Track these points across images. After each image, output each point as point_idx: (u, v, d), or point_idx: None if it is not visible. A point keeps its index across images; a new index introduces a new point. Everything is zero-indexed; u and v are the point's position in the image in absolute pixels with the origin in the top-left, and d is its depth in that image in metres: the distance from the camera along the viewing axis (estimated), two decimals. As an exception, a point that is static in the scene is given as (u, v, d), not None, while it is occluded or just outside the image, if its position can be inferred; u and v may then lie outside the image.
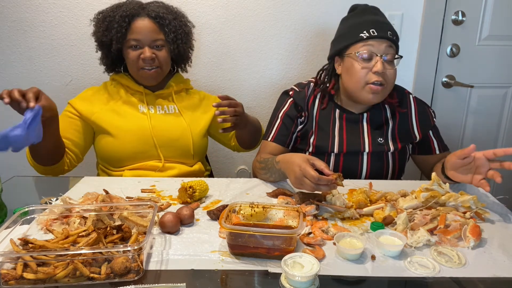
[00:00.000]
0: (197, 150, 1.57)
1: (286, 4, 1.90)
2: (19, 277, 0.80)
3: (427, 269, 0.88)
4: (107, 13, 1.46)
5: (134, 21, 1.43)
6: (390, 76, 1.35)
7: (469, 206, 1.13)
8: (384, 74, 1.33)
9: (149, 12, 1.44)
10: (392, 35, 1.34)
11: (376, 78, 1.33)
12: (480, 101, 2.10)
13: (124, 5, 1.47)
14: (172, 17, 1.48)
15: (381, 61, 1.32)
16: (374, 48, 1.32)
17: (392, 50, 1.34)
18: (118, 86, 1.54)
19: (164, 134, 1.50)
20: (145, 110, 1.51)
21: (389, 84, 1.36)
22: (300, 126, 1.48)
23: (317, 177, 1.08)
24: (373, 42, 1.32)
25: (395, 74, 1.36)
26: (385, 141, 1.44)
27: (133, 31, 1.43)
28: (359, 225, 1.08)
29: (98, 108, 1.48)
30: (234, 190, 1.29)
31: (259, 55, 1.97)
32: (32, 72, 1.94)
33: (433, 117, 1.49)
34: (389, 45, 1.33)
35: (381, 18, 1.38)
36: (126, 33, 1.43)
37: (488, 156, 1.11)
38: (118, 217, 1.02)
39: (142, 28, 1.43)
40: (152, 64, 1.46)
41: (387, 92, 1.39)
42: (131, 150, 1.47)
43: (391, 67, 1.34)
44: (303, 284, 0.80)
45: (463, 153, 1.15)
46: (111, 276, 0.83)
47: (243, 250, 0.91)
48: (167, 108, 1.55)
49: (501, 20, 1.97)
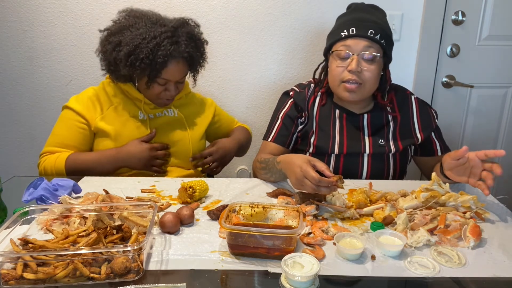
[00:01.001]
0: (196, 152, 1.55)
1: (286, 4, 1.90)
2: (19, 277, 0.80)
3: (427, 269, 0.88)
4: (145, 50, 1.32)
5: (169, 64, 1.37)
6: (368, 75, 1.34)
7: (469, 206, 1.13)
8: (361, 73, 1.33)
9: (184, 55, 1.39)
10: (375, 34, 1.32)
11: (350, 76, 1.33)
12: (480, 101, 2.10)
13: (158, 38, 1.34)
14: (200, 54, 1.48)
15: (356, 60, 1.32)
16: (351, 47, 1.33)
17: (372, 49, 1.33)
18: (117, 88, 1.49)
19: (163, 140, 1.49)
20: (145, 118, 1.49)
21: (366, 83, 1.35)
22: (300, 126, 1.48)
23: (318, 179, 1.08)
24: (351, 41, 1.33)
25: (375, 73, 1.35)
26: (386, 143, 1.43)
27: (167, 72, 1.38)
28: (359, 225, 1.08)
29: (97, 113, 1.45)
30: (234, 190, 1.29)
31: (259, 55, 1.97)
32: (32, 72, 1.94)
33: (435, 118, 1.48)
34: (369, 44, 1.32)
35: (368, 16, 1.37)
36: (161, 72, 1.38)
37: (480, 157, 1.12)
38: (118, 217, 1.02)
39: (175, 71, 1.40)
40: (171, 99, 1.48)
41: (367, 91, 1.38)
42: None
43: (368, 66, 1.33)
44: (303, 284, 0.80)
45: (456, 154, 1.16)
46: (111, 276, 0.83)
47: (243, 250, 0.91)
48: (166, 111, 1.53)
49: (501, 20, 1.97)
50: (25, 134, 2.02)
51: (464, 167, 1.17)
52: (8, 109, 1.99)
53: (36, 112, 1.99)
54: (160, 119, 1.51)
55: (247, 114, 2.05)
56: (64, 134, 1.44)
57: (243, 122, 2.04)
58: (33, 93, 1.96)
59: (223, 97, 2.02)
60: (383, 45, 1.34)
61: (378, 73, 1.36)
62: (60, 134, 1.45)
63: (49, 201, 1.09)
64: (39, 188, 1.10)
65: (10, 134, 2.02)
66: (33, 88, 1.96)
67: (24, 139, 2.03)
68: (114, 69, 1.41)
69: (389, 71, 1.44)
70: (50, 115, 1.98)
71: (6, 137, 2.03)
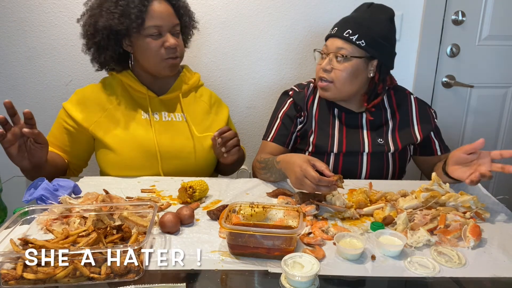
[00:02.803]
0: (202, 165, 1.44)
1: (286, 4, 1.90)
2: (19, 277, 0.80)
3: (427, 269, 0.88)
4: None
5: (151, 5, 1.27)
6: (337, 73, 1.35)
7: (469, 206, 1.13)
8: (331, 72, 1.36)
9: None
10: (352, 34, 1.33)
11: (322, 74, 1.39)
12: (480, 101, 2.10)
13: None
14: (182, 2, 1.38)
15: (328, 59, 1.37)
16: (328, 47, 1.39)
17: (344, 50, 1.34)
18: (118, 84, 1.41)
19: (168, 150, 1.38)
20: (148, 117, 1.39)
21: (337, 82, 1.37)
22: (299, 126, 1.48)
23: (317, 178, 1.08)
24: (330, 40, 1.39)
25: (345, 73, 1.35)
26: (385, 142, 1.43)
27: (152, 17, 1.27)
28: (359, 225, 1.08)
29: (96, 116, 1.36)
30: (234, 190, 1.29)
31: (259, 55, 1.97)
32: (32, 72, 1.94)
33: (435, 118, 1.48)
34: (342, 45, 1.34)
35: (358, 16, 1.37)
36: (145, 19, 1.27)
37: (494, 156, 1.13)
38: (118, 217, 1.02)
39: (162, 13, 1.28)
40: (176, 53, 1.33)
41: (338, 89, 1.38)
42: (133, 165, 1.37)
43: (338, 65, 1.35)
44: (303, 284, 0.80)
45: (471, 147, 1.16)
46: (111, 276, 0.83)
47: (243, 250, 0.91)
48: (174, 116, 1.43)
49: (501, 20, 1.97)
50: (25, 134, 2.02)
51: (471, 163, 1.17)
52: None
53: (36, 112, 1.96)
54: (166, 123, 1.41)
55: (247, 114, 2.05)
56: (54, 133, 1.41)
57: (243, 122, 2.05)
58: (33, 93, 1.96)
59: (223, 97, 2.01)
60: (362, 46, 1.33)
61: (351, 73, 1.35)
62: (51, 133, 1.41)
63: (49, 201, 1.09)
64: (39, 188, 1.10)
65: (10, 134, 2.02)
66: (33, 88, 1.95)
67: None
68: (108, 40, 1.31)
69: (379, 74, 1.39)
70: (50, 115, 1.97)
71: (6, 137, 2.02)
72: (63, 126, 1.38)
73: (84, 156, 1.46)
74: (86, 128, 1.36)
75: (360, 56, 1.34)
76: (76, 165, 1.46)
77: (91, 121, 1.36)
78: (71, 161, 1.43)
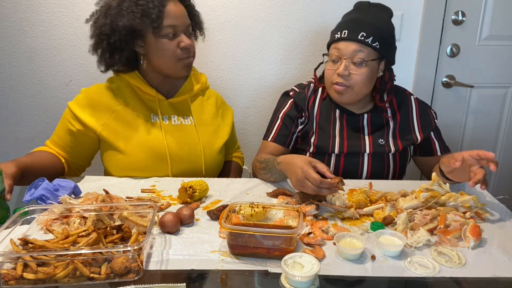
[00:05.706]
0: (210, 168, 1.44)
1: (286, 4, 1.90)
2: (19, 277, 0.80)
3: (427, 269, 0.88)
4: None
5: (168, 5, 1.28)
6: (356, 79, 1.34)
7: (469, 206, 1.13)
8: (349, 76, 1.34)
9: None
10: (366, 37, 1.31)
11: (337, 79, 1.35)
12: (480, 101, 2.10)
13: None
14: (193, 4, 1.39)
15: (344, 64, 1.33)
16: (341, 51, 1.34)
17: (361, 53, 1.32)
18: (125, 85, 1.39)
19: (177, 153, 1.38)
20: (158, 120, 1.38)
21: (355, 86, 1.35)
22: (300, 126, 1.48)
23: (319, 180, 1.08)
24: (342, 44, 1.34)
25: (363, 76, 1.34)
26: (386, 142, 1.44)
27: (169, 17, 1.27)
28: (359, 225, 1.08)
29: (104, 117, 1.34)
30: (234, 190, 1.29)
31: (259, 55, 1.97)
32: (32, 72, 1.94)
33: (435, 118, 1.49)
34: (358, 48, 1.32)
35: (365, 17, 1.35)
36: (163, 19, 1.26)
37: (473, 156, 1.13)
38: (118, 217, 1.02)
39: (178, 13, 1.29)
40: (190, 53, 1.34)
41: (355, 93, 1.37)
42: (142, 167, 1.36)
43: (357, 69, 1.33)
44: (303, 284, 0.81)
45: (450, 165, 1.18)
46: (111, 276, 0.83)
47: (243, 250, 0.91)
48: (183, 119, 1.42)
49: (501, 20, 1.97)
50: (25, 134, 2.02)
51: (463, 168, 1.17)
52: (8, 109, 1.98)
53: (36, 112, 1.99)
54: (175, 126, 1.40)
55: (247, 114, 2.05)
56: (58, 132, 1.40)
57: (243, 122, 2.04)
58: (33, 93, 1.96)
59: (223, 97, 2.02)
60: (377, 48, 1.33)
61: (368, 76, 1.35)
62: (56, 132, 1.41)
63: (49, 201, 1.09)
64: (40, 188, 1.10)
65: (10, 134, 2.02)
66: (33, 88, 1.95)
67: (24, 139, 2.03)
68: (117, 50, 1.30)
69: (388, 73, 1.42)
70: (50, 115, 1.98)
71: (6, 137, 2.02)
72: (68, 127, 1.37)
73: (87, 157, 1.46)
74: (94, 130, 1.34)
75: (375, 58, 1.34)
76: (78, 165, 1.46)
77: (99, 123, 1.34)
78: (72, 161, 1.43)
